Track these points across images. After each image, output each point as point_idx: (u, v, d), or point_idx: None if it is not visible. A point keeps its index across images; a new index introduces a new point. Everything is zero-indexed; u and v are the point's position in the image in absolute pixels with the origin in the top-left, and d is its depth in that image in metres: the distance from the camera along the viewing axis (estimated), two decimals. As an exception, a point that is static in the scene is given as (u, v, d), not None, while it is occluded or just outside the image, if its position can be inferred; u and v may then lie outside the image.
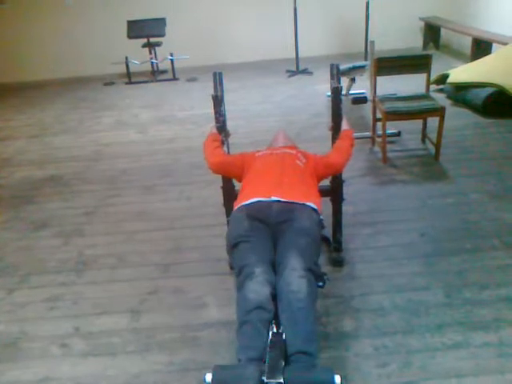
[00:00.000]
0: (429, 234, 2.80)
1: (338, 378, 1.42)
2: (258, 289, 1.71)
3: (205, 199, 3.41)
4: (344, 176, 2.55)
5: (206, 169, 2.44)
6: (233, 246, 1.91)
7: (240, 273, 1.79)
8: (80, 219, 3.30)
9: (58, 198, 3.65)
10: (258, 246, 1.87)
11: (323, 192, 2.38)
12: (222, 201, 2.62)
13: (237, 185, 2.51)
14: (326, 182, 2.56)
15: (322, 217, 2.08)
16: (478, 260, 2.53)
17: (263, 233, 1.92)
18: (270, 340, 1.63)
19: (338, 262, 2.58)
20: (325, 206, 2.25)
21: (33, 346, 2.18)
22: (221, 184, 2.57)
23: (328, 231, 2.66)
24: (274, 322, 1.77)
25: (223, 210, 2.64)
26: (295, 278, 1.72)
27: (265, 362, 1.53)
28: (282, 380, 1.43)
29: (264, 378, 1.44)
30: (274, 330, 1.72)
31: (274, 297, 1.74)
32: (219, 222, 2.81)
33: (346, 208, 2.64)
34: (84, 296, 2.50)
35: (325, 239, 2.71)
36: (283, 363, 1.52)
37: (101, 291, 2.53)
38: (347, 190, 2.63)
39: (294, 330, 1.63)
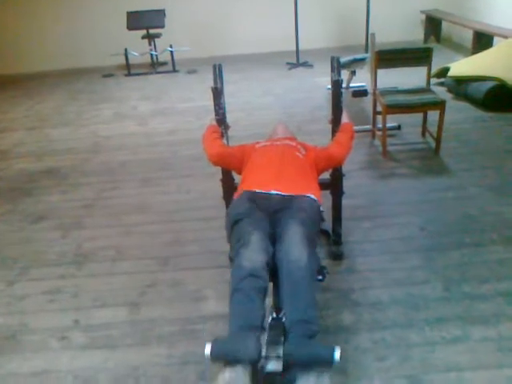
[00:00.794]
0: (428, 228, 2.79)
1: (338, 352, 1.43)
2: (252, 256, 1.70)
3: (204, 192, 3.40)
4: (344, 169, 2.53)
5: (206, 161, 2.43)
6: (233, 224, 1.91)
7: (237, 242, 1.79)
8: (79, 212, 3.29)
9: (57, 191, 3.64)
10: (256, 220, 1.87)
11: (323, 185, 2.37)
12: (222, 193, 2.61)
13: (236, 178, 2.50)
14: (326, 176, 2.55)
15: (322, 208, 2.07)
16: (478, 254, 2.53)
17: (262, 215, 1.92)
18: (269, 324, 1.63)
19: (337, 256, 2.58)
20: (324, 200, 2.24)
21: (32, 338, 2.18)
22: (220, 177, 2.56)
23: (328, 225, 2.65)
24: (273, 306, 1.76)
25: (223, 202, 2.63)
26: (296, 247, 1.72)
27: (258, 330, 1.54)
28: (281, 354, 1.43)
29: (263, 352, 1.45)
30: (274, 314, 1.72)
31: (270, 266, 1.74)
32: (219, 215, 2.79)
33: (345, 201, 2.63)
34: (83, 289, 2.50)
35: (324, 232, 2.71)
36: (283, 339, 1.53)
37: (100, 284, 2.53)
38: (347, 184, 2.62)
39: (294, 299, 1.63)
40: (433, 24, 7.55)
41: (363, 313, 2.17)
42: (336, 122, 2.48)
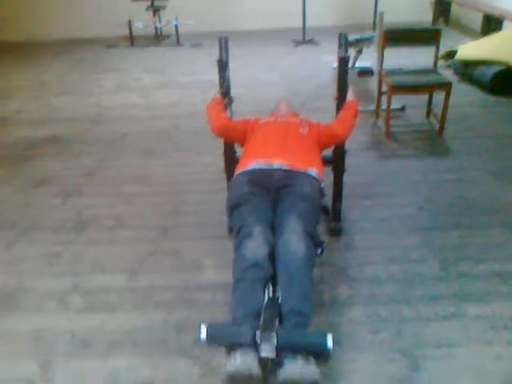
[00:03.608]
0: (428, 208, 2.80)
1: (330, 340, 1.45)
2: (255, 247, 1.73)
3: (205, 165, 3.40)
4: (346, 147, 2.52)
5: (208, 135, 2.42)
6: (232, 208, 1.93)
7: (239, 232, 1.81)
8: (79, 180, 3.29)
9: (58, 159, 3.63)
10: (258, 208, 1.88)
11: (325, 161, 2.37)
12: (223, 166, 2.60)
13: (238, 151, 2.49)
14: (329, 152, 2.54)
15: (322, 185, 2.08)
16: (475, 236, 2.54)
17: (263, 196, 1.93)
18: (265, 304, 1.65)
19: (336, 232, 2.59)
20: (325, 176, 2.24)
21: (30, 298, 2.21)
22: (222, 150, 2.55)
23: (327, 201, 2.66)
24: (270, 286, 1.79)
25: (223, 175, 2.63)
26: (294, 240, 1.74)
27: (258, 317, 1.55)
28: (275, 341, 1.45)
29: (258, 336, 1.47)
30: (271, 294, 1.74)
31: (272, 257, 1.76)
32: (219, 188, 2.80)
33: (346, 179, 2.63)
34: (82, 255, 2.52)
35: (324, 209, 2.72)
36: (277, 322, 1.54)
37: (99, 251, 2.55)
38: (349, 162, 2.61)
39: (288, 289, 1.65)
40: (442, 6, 7.43)
41: (359, 288, 2.20)
42: (341, 99, 2.46)
